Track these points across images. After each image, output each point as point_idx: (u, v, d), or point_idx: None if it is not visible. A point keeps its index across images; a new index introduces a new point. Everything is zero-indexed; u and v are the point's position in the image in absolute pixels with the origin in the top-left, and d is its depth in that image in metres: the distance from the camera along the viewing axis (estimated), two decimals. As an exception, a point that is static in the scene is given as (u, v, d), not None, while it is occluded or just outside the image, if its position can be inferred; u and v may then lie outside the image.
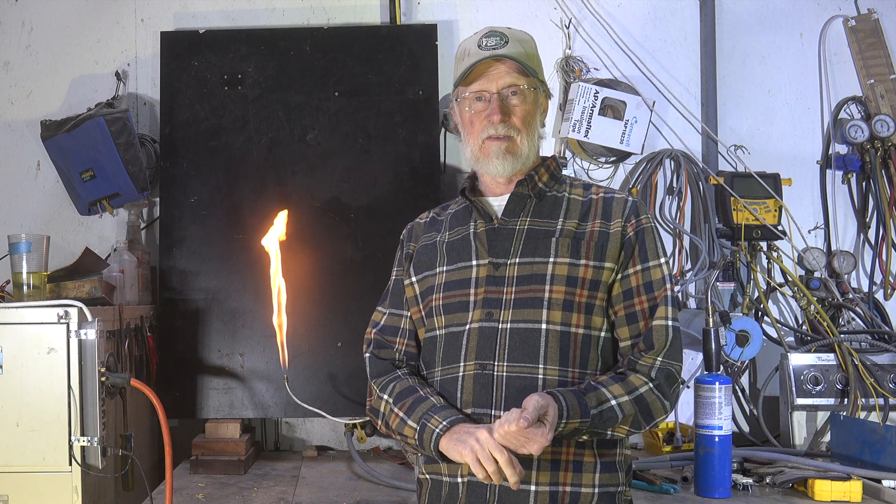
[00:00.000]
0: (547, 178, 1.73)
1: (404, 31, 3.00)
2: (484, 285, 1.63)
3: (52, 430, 2.09)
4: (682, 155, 3.04)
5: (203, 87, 2.92)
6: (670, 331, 1.61)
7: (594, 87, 2.96)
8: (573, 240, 1.63)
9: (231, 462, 2.66)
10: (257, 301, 2.79)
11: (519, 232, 1.66)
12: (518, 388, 1.55)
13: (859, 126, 3.04)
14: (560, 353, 1.57)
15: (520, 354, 1.57)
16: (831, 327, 2.88)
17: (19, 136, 3.12)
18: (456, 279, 1.67)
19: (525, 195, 1.70)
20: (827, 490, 2.22)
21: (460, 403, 1.59)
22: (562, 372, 1.56)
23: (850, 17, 3.13)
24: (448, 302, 1.66)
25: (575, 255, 1.62)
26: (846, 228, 3.14)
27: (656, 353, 1.59)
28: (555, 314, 1.58)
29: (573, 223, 1.65)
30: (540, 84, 1.71)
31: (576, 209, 1.68)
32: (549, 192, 1.71)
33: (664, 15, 3.15)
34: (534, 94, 1.69)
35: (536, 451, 1.43)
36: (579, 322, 1.59)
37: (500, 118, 1.64)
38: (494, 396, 1.56)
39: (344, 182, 2.89)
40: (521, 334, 1.58)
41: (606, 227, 1.65)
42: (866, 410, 2.72)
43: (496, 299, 1.61)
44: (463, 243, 1.70)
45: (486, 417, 1.55)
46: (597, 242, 1.63)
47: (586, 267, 1.61)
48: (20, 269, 2.23)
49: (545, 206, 1.69)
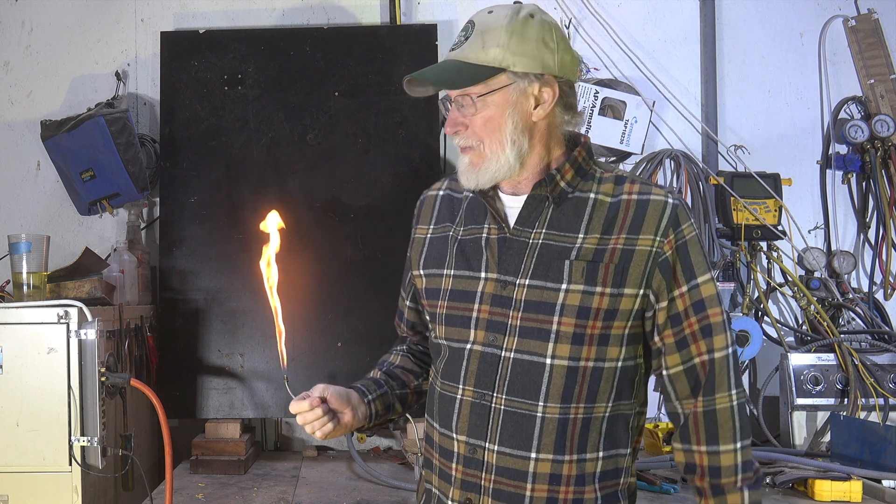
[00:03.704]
0: (571, 176, 1.49)
1: (404, 31, 3.00)
2: (489, 304, 1.50)
3: (52, 430, 2.09)
4: (682, 155, 3.04)
5: (203, 87, 2.92)
6: (731, 360, 1.46)
7: (594, 87, 2.96)
8: (590, 263, 1.44)
9: (231, 462, 2.65)
10: (257, 301, 2.79)
11: (532, 247, 1.48)
12: (514, 423, 1.47)
13: (859, 126, 3.04)
14: (564, 389, 1.45)
15: (520, 389, 1.46)
16: (831, 327, 2.88)
17: (19, 136, 3.12)
18: (461, 289, 1.54)
19: (542, 198, 1.49)
20: (827, 490, 2.22)
21: (456, 429, 1.52)
22: (563, 409, 1.45)
23: (850, 17, 3.13)
24: (451, 313, 1.55)
25: (591, 281, 1.43)
26: (846, 228, 3.14)
27: (728, 438, 1.46)
28: (562, 348, 1.44)
29: (594, 238, 1.45)
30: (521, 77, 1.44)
31: (601, 217, 1.46)
32: (571, 194, 1.49)
33: (664, 15, 3.15)
34: (497, 96, 1.45)
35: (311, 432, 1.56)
36: (590, 355, 1.45)
37: (450, 130, 1.49)
38: (490, 429, 1.48)
39: (344, 182, 2.89)
40: (525, 366, 1.46)
41: (632, 243, 1.44)
42: (866, 410, 2.72)
43: (501, 323, 1.48)
44: (474, 248, 1.54)
45: (481, 449, 1.49)
46: (617, 265, 1.43)
47: (602, 296, 1.43)
48: (20, 269, 2.23)
49: (565, 213, 1.48)
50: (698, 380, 1.46)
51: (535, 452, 1.46)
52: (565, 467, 1.46)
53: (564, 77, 1.48)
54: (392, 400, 1.66)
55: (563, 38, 1.49)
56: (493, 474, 1.48)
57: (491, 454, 1.47)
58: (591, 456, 1.47)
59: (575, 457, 1.46)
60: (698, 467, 1.48)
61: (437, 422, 1.56)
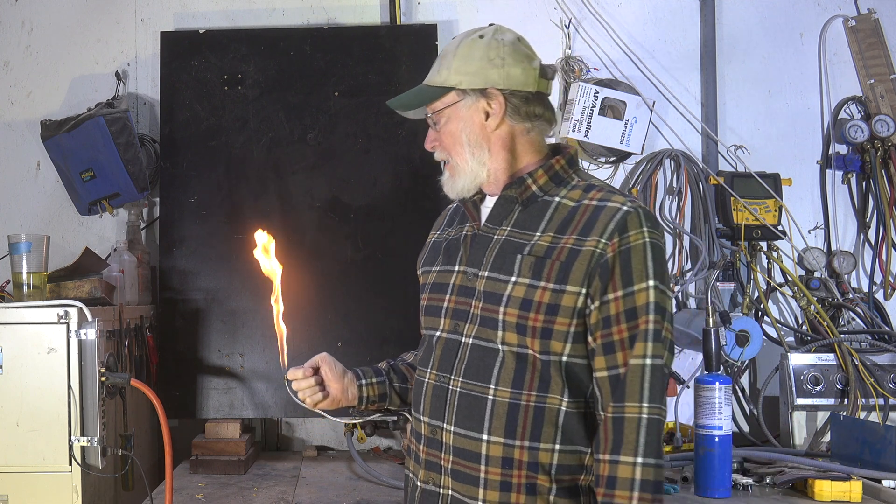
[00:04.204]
0: (545, 181, 1.58)
1: (404, 31, 3.00)
2: (456, 294, 1.61)
3: (52, 430, 2.09)
4: (682, 155, 3.04)
5: (203, 87, 2.92)
6: (647, 371, 1.44)
7: (594, 87, 2.96)
8: (539, 258, 1.51)
9: (231, 462, 2.66)
10: (257, 301, 2.79)
11: (495, 242, 1.58)
12: (468, 405, 1.54)
13: (859, 126, 3.04)
14: (515, 374, 1.51)
15: (474, 372, 1.55)
16: (831, 327, 2.88)
17: (19, 136, 3.12)
18: (440, 282, 1.66)
19: (512, 199, 1.59)
20: (827, 490, 2.22)
21: (422, 410, 1.63)
22: (514, 394, 1.51)
23: (850, 17, 3.13)
24: (429, 304, 1.67)
25: (536, 275, 1.50)
26: (846, 228, 3.14)
27: (629, 449, 1.43)
28: (510, 336, 1.51)
29: (548, 237, 1.52)
30: (468, 94, 1.57)
31: (559, 218, 1.54)
32: (541, 197, 1.57)
33: (664, 15, 3.15)
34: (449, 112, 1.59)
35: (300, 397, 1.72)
36: (535, 346, 1.50)
37: (429, 146, 1.66)
38: (447, 410, 1.57)
39: (344, 182, 2.89)
40: (480, 352, 1.55)
41: (581, 243, 1.49)
42: (866, 410, 2.72)
43: (464, 311, 1.58)
44: (455, 246, 1.67)
45: (440, 430, 1.58)
46: (563, 263, 1.49)
47: (544, 290, 1.49)
48: (20, 269, 2.23)
49: (530, 214, 1.57)
50: (615, 388, 1.46)
51: (486, 434, 1.52)
52: (517, 452, 1.50)
53: (512, 89, 1.57)
54: (388, 391, 1.78)
55: (514, 53, 1.58)
56: (451, 455, 1.56)
57: (448, 434, 1.56)
58: (545, 447, 1.50)
59: (527, 443, 1.50)
60: (599, 478, 1.47)
61: (413, 407, 1.68)
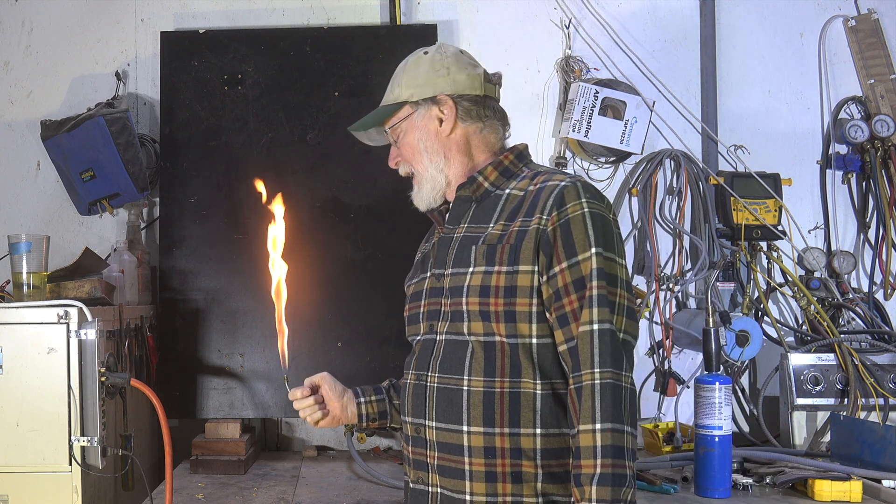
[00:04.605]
0: (495, 177, 1.64)
1: (404, 32, 3.00)
2: (429, 297, 1.66)
3: (52, 430, 2.09)
4: (682, 155, 3.04)
5: (203, 87, 2.92)
6: (595, 336, 1.45)
7: (594, 87, 2.96)
8: (491, 245, 1.55)
9: (231, 462, 2.66)
10: (257, 301, 2.79)
11: (455, 240, 1.63)
12: (445, 399, 1.57)
13: (859, 126, 3.04)
14: (485, 363, 1.54)
15: (448, 366, 1.58)
16: (831, 327, 2.88)
17: (19, 136, 3.12)
18: (416, 291, 1.72)
19: (466, 199, 1.66)
20: (827, 490, 2.22)
21: (405, 411, 1.66)
22: (487, 382, 1.53)
23: (850, 17, 3.13)
24: (410, 314, 1.72)
25: (490, 261, 1.54)
26: (846, 228, 3.14)
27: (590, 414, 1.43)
28: (476, 325, 1.55)
29: (500, 226, 1.57)
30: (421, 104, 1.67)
31: (509, 208, 1.59)
32: (494, 192, 1.64)
33: (664, 15, 3.15)
34: (405, 124, 1.69)
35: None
36: (500, 331, 1.53)
37: (392, 163, 1.75)
38: (427, 406, 1.59)
39: (344, 182, 2.89)
40: (452, 346, 1.58)
41: (527, 224, 1.54)
42: (866, 410, 2.72)
43: (436, 311, 1.63)
44: (427, 255, 1.73)
45: (423, 428, 1.60)
46: (512, 245, 1.53)
47: (499, 274, 1.53)
48: (20, 269, 2.23)
49: (484, 209, 1.63)
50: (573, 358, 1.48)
51: (466, 425, 1.54)
52: (498, 439, 1.52)
53: (460, 93, 1.66)
54: (388, 408, 1.82)
55: (458, 62, 1.68)
56: (435, 451, 1.59)
57: (431, 431, 1.59)
58: (526, 431, 1.52)
59: (507, 430, 1.52)
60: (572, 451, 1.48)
61: (400, 411, 1.73)
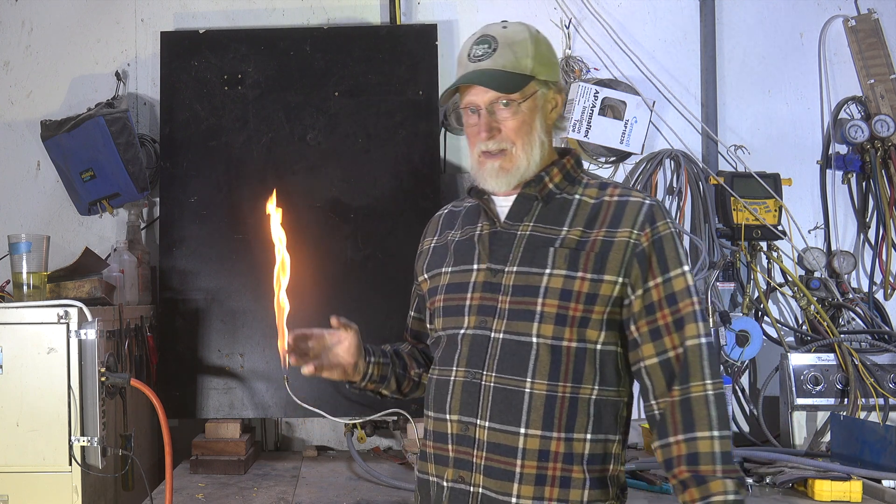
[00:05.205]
0: (560, 179, 1.64)
1: (404, 31, 3.00)
2: (480, 291, 1.61)
3: (52, 430, 2.09)
4: (682, 155, 3.04)
5: (203, 87, 2.92)
6: (704, 350, 1.50)
7: (594, 87, 2.96)
8: (573, 250, 1.55)
9: (231, 462, 2.66)
10: (257, 301, 2.79)
11: (520, 238, 1.61)
12: (503, 400, 1.54)
13: (859, 126, 3.04)
14: (551, 366, 1.53)
15: (509, 366, 1.55)
16: (831, 327, 2.88)
17: (19, 136, 3.12)
18: (457, 282, 1.66)
19: (532, 197, 1.63)
20: (827, 490, 2.22)
21: (449, 408, 1.61)
22: (550, 386, 1.53)
23: (850, 17, 3.13)
24: (447, 304, 1.67)
25: (573, 266, 1.54)
26: (846, 228, 3.14)
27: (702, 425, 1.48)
28: (546, 328, 1.54)
29: (577, 231, 1.57)
30: (542, 84, 1.61)
31: (584, 214, 1.59)
32: (559, 195, 1.63)
33: (664, 15, 3.15)
34: (530, 101, 1.60)
35: None
36: (572, 336, 1.54)
37: (486, 136, 1.60)
38: (480, 405, 1.56)
39: (344, 182, 2.88)
40: (513, 346, 1.56)
41: (612, 235, 1.55)
42: (866, 410, 2.72)
43: (491, 307, 1.59)
44: (468, 245, 1.68)
45: (472, 426, 1.57)
46: (598, 253, 1.54)
47: (583, 280, 1.53)
48: (20, 269, 2.23)
49: (552, 211, 1.62)
50: (673, 372, 1.52)
51: (524, 428, 1.53)
52: (553, 444, 1.53)
53: (560, 86, 1.66)
54: (389, 374, 1.79)
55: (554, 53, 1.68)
56: (484, 451, 1.55)
57: (482, 431, 1.55)
58: (578, 436, 1.53)
59: (563, 435, 1.53)
60: (675, 459, 1.50)
61: (432, 408, 1.65)
